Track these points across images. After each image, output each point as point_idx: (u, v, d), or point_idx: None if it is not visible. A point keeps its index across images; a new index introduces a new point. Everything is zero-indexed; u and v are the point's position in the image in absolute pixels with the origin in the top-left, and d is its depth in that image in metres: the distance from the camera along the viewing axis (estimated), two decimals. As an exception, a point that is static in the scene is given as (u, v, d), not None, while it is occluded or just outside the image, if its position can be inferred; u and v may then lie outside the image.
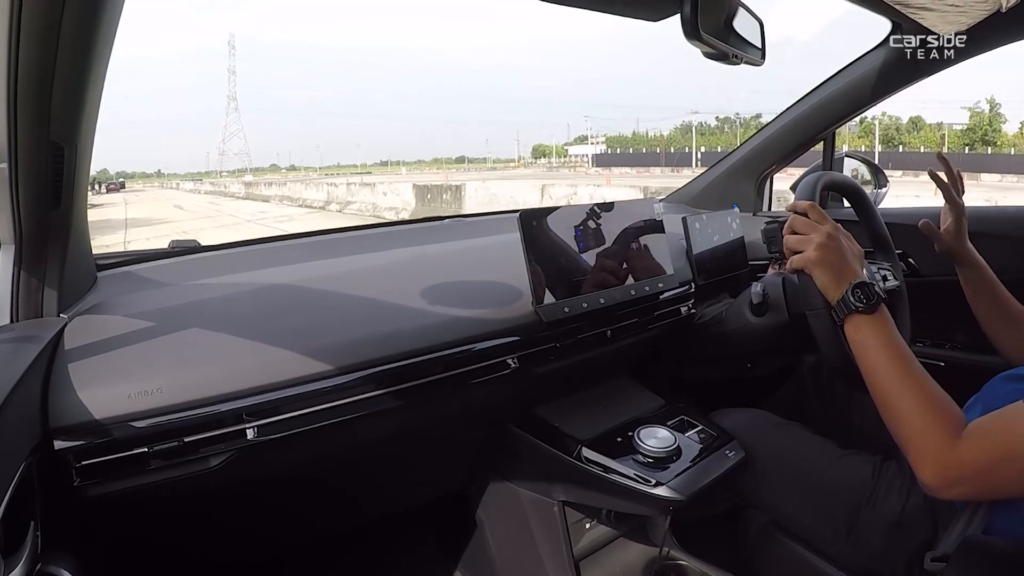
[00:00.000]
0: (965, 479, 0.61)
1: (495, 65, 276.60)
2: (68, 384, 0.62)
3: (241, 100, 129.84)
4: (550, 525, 1.04)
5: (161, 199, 33.64)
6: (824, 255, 0.74)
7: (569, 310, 0.90)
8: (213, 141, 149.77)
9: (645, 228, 1.03)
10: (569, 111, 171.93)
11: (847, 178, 1.03)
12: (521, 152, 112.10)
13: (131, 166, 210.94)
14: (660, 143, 74.91)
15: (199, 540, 0.88)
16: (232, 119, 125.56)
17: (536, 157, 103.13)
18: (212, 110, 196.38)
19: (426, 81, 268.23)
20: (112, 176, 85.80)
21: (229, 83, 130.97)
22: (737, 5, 0.77)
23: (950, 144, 40.73)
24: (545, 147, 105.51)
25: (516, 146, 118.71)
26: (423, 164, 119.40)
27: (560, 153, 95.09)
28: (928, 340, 1.30)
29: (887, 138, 44.77)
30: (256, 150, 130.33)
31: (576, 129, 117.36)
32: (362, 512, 1.10)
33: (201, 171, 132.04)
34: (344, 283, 0.89)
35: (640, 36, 51.22)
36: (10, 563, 0.47)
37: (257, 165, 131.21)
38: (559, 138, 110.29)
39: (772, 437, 0.95)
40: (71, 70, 0.54)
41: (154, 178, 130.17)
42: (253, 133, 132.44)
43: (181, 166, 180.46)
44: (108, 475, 0.63)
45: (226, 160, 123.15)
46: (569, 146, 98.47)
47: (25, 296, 0.69)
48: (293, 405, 0.71)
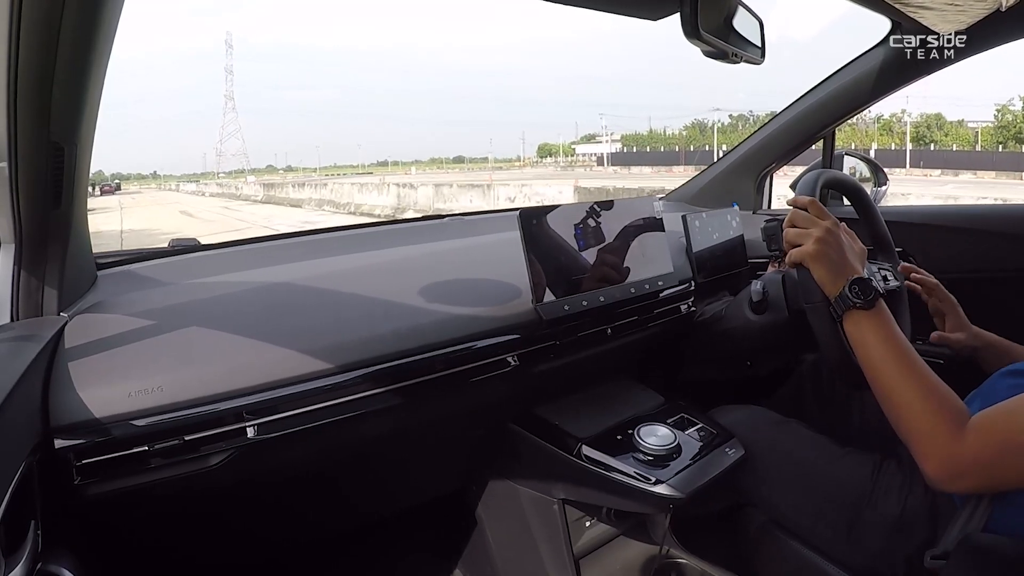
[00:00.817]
0: (970, 472, 0.61)
1: (495, 66, 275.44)
2: (68, 383, 0.62)
3: (238, 100, 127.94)
4: (550, 523, 1.04)
5: (162, 202, 30.49)
6: (822, 249, 0.74)
7: (569, 308, 0.90)
8: (209, 142, 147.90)
9: (645, 226, 1.03)
10: (574, 111, 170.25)
11: (847, 176, 1.03)
12: (526, 151, 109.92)
13: (125, 167, 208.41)
14: (678, 141, 70.71)
15: (199, 539, 0.88)
16: (230, 119, 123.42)
17: (542, 156, 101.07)
18: (210, 110, 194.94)
19: (425, 81, 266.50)
20: (107, 178, 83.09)
21: (226, 82, 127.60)
22: (737, 4, 0.77)
23: (983, 143, 40.17)
24: (551, 146, 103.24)
25: (522, 145, 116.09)
26: (420, 164, 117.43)
27: (567, 152, 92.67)
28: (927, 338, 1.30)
29: (917, 136, 44.21)
30: (251, 151, 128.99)
31: (585, 127, 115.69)
32: (362, 510, 1.11)
33: (197, 172, 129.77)
34: (344, 281, 0.89)
35: (643, 36, 50.05)
36: (10, 562, 0.47)
37: (254, 166, 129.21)
38: (566, 137, 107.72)
39: (772, 435, 0.95)
40: (71, 70, 0.54)
41: (150, 180, 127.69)
42: (248, 134, 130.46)
43: (177, 167, 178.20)
44: (108, 474, 0.63)
45: (224, 161, 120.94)
46: (576, 145, 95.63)
47: (25, 295, 0.69)
48: (293, 403, 0.71)
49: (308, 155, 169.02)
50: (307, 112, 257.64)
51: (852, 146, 20.05)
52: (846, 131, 39.12)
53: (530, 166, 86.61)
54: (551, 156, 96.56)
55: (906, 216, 1.35)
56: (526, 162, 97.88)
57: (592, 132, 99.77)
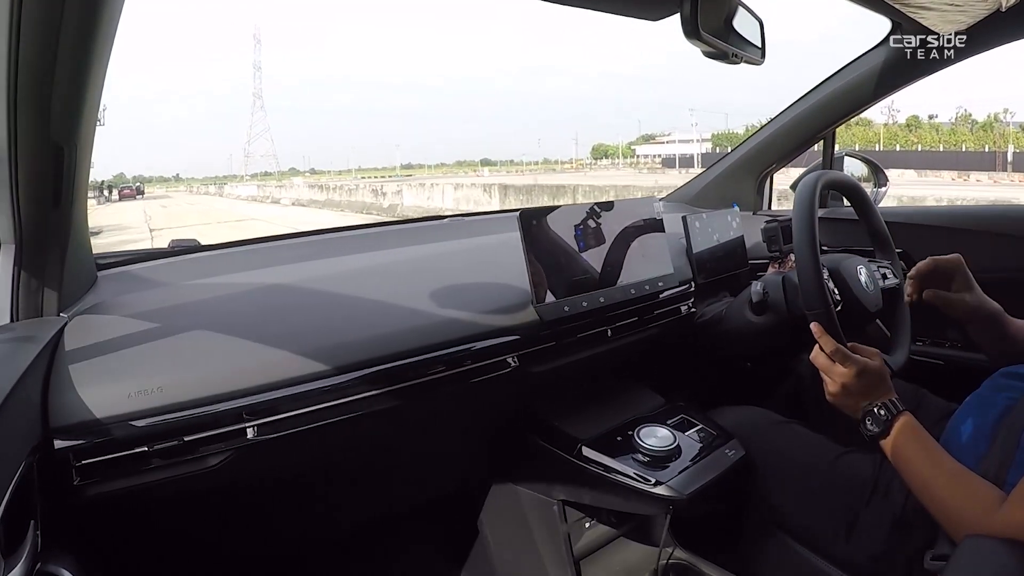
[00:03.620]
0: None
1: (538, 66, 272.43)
2: (68, 384, 0.62)
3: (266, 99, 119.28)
4: (550, 524, 1.04)
5: (205, 212, 21.38)
6: (839, 396, 0.79)
7: (569, 309, 0.90)
8: (235, 143, 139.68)
9: (645, 227, 1.03)
10: (634, 111, 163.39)
11: (847, 176, 1.03)
12: (579, 152, 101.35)
13: (147, 170, 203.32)
14: None
15: (198, 539, 0.88)
16: (258, 119, 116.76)
17: (596, 157, 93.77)
18: (235, 110, 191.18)
19: (453, 81, 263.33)
20: (129, 180, 73.20)
21: (254, 79, 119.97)
22: (737, 4, 0.77)
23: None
24: (607, 146, 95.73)
25: (575, 145, 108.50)
26: (445, 167, 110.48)
27: (626, 153, 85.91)
28: (927, 339, 1.30)
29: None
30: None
31: (648, 126, 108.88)
32: (361, 511, 1.10)
33: (221, 175, 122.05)
34: (344, 283, 0.89)
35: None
36: (10, 562, 0.47)
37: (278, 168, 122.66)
38: (625, 136, 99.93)
39: (772, 435, 0.95)
40: (71, 70, 0.54)
41: (173, 182, 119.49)
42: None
43: (199, 170, 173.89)
44: (108, 474, 0.63)
45: (251, 163, 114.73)
46: (636, 145, 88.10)
47: (25, 296, 0.69)
48: (293, 404, 0.71)
49: (328, 158, 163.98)
50: (330, 110, 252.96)
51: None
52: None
53: (584, 167, 79.96)
54: (607, 157, 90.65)
55: (906, 216, 1.35)
56: (575, 164, 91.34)
57: (651, 132, 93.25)
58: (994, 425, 0.72)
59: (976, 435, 0.74)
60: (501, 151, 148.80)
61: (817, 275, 0.81)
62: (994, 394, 0.77)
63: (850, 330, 0.84)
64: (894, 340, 0.98)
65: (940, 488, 0.68)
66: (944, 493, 0.68)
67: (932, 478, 0.69)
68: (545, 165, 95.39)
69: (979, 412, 0.76)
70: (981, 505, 0.64)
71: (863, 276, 0.96)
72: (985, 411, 0.75)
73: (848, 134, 35.47)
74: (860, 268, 0.96)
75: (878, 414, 0.75)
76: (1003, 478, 0.66)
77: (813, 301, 0.80)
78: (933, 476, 0.69)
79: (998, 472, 0.67)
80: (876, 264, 1.02)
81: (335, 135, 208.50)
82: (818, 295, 0.80)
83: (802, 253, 0.83)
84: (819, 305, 0.79)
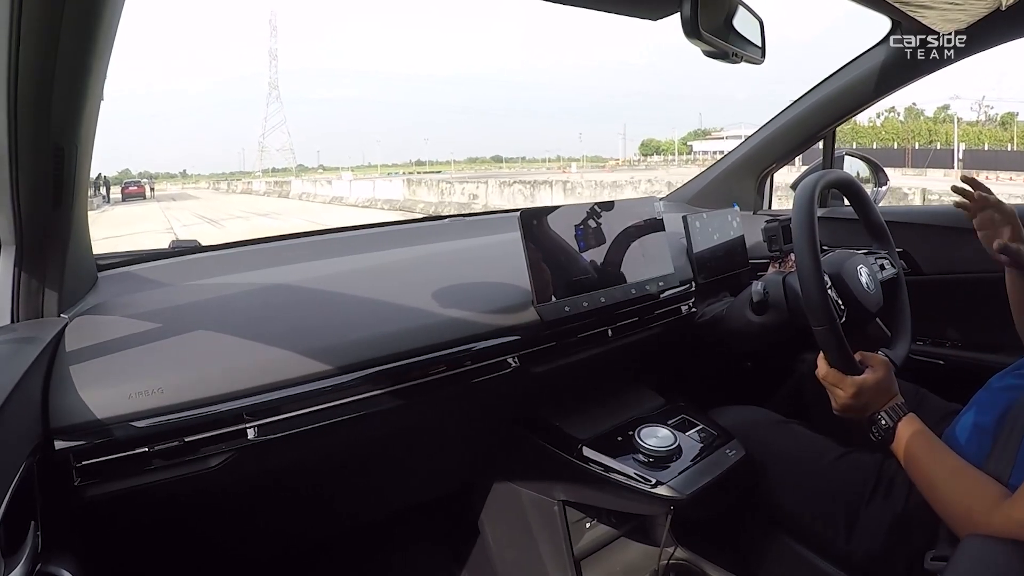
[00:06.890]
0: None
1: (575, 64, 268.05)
2: (68, 384, 0.62)
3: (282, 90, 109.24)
4: (551, 524, 1.04)
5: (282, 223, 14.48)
6: (848, 410, 0.81)
7: (569, 309, 0.90)
8: (247, 136, 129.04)
9: (645, 227, 1.03)
10: (692, 104, 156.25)
11: (846, 175, 1.03)
12: (627, 151, 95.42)
13: (152, 166, 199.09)
14: (898, 136, 49.38)
15: (198, 540, 0.88)
16: (273, 110, 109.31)
17: (645, 154, 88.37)
18: (247, 101, 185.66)
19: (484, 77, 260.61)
20: (134, 176, 63.54)
21: (270, 68, 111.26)
22: (737, 4, 0.77)
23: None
24: (658, 142, 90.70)
25: (622, 141, 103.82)
26: (458, 164, 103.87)
27: (681, 149, 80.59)
28: (927, 339, 1.30)
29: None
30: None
31: (710, 119, 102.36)
32: (362, 511, 1.10)
33: (231, 170, 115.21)
34: (344, 283, 0.89)
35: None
36: (10, 563, 0.47)
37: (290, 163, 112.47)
38: (679, 131, 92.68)
39: (772, 435, 0.95)
40: (71, 70, 0.54)
41: (179, 179, 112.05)
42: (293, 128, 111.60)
43: (207, 166, 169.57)
44: (108, 475, 0.63)
45: (267, 157, 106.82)
46: (694, 141, 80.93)
47: (25, 296, 0.69)
48: (293, 405, 0.71)
49: (342, 153, 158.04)
50: (342, 100, 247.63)
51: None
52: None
53: (629, 165, 72.51)
54: (658, 153, 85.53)
55: (906, 216, 1.35)
56: (620, 161, 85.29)
57: (706, 128, 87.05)
58: (996, 424, 0.72)
59: (979, 434, 0.74)
60: (529, 149, 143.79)
61: (820, 288, 0.80)
62: (997, 393, 0.77)
63: (852, 330, 0.84)
64: (895, 333, 0.98)
65: (944, 484, 0.69)
66: (948, 488, 0.69)
67: (936, 475, 0.70)
68: (593, 162, 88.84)
69: (982, 411, 0.76)
70: (985, 501, 0.64)
71: (864, 277, 0.96)
72: (988, 410, 0.75)
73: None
74: (860, 268, 0.96)
75: (885, 419, 0.77)
76: (1006, 477, 0.66)
77: (819, 316, 0.79)
78: (937, 473, 0.70)
79: (1001, 471, 0.67)
80: (874, 256, 1.02)
81: (351, 127, 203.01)
82: (823, 310, 0.79)
83: (803, 263, 0.81)
84: (825, 320, 0.79)
